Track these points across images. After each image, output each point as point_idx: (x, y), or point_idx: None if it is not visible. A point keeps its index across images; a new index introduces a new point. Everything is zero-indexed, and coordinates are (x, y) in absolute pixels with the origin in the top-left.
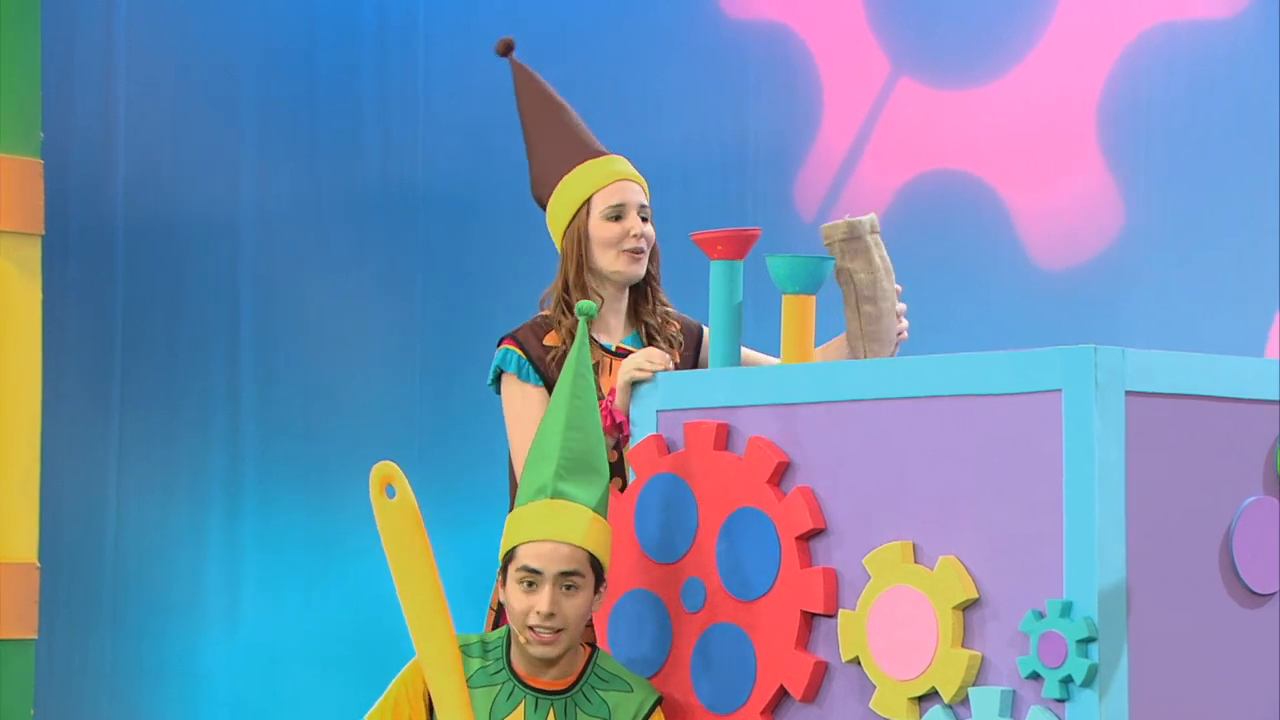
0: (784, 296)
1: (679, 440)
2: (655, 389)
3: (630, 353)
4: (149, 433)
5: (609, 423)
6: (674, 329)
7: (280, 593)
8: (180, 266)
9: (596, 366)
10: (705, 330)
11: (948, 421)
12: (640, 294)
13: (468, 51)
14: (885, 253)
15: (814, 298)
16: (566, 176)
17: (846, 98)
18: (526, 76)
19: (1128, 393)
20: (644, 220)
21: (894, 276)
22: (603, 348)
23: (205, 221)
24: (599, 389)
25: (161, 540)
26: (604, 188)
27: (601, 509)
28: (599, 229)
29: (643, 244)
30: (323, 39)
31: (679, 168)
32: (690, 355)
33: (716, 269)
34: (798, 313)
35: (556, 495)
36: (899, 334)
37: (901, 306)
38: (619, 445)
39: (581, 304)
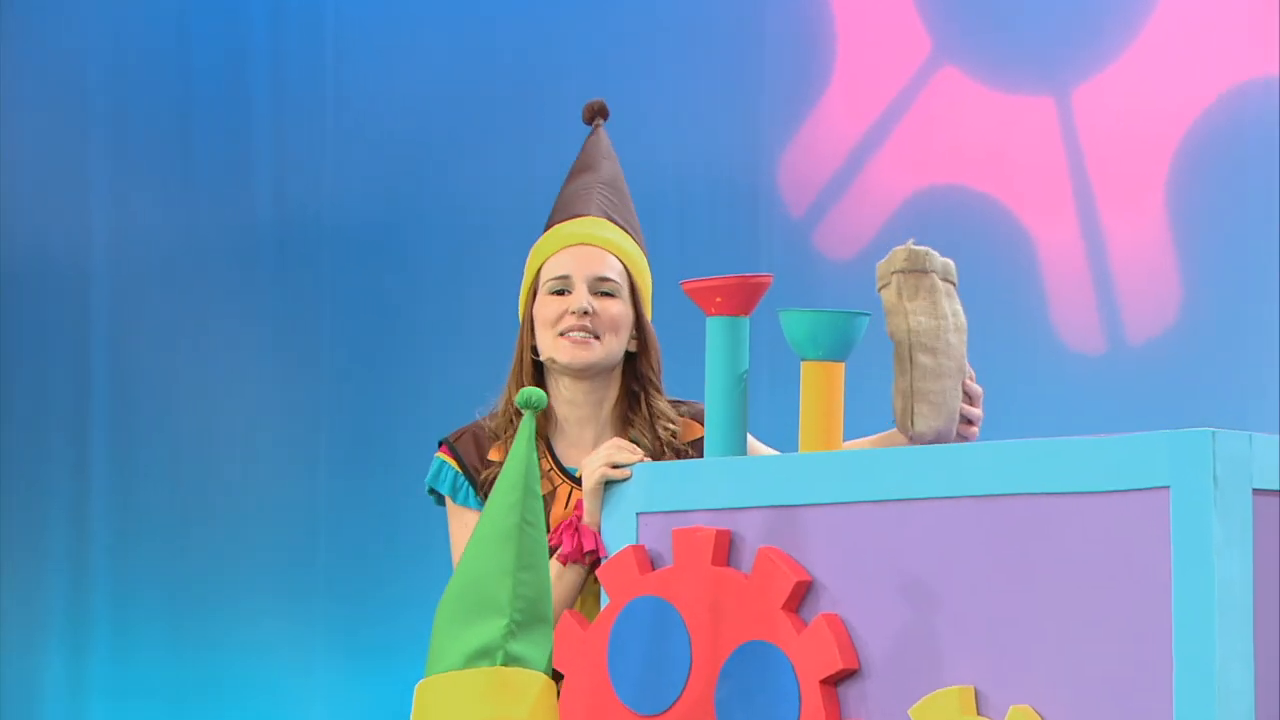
0: (803, 364)
1: (666, 553)
2: (634, 484)
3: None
4: None
5: (575, 549)
6: (677, 445)
7: None
8: (11, 324)
9: (548, 498)
10: None
11: (1018, 529)
12: (629, 399)
13: (393, 46)
14: (960, 308)
15: (842, 366)
16: (539, 240)
17: (869, 77)
18: (595, 142)
19: (1255, 490)
20: (607, 296)
21: (965, 338)
22: (562, 471)
23: (45, 265)
24: (547, 520)
25: None
26: (552, 255)
27: (549, 666)
28: (540, 307)
29: (588, 324)
30: (197, 30)
31: (670, 193)
32: None
33: (714, 328)
34: (821, 385)
35: (510, 661)
36: (969, 424)
37: (976, 389)
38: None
39: (524, 392)
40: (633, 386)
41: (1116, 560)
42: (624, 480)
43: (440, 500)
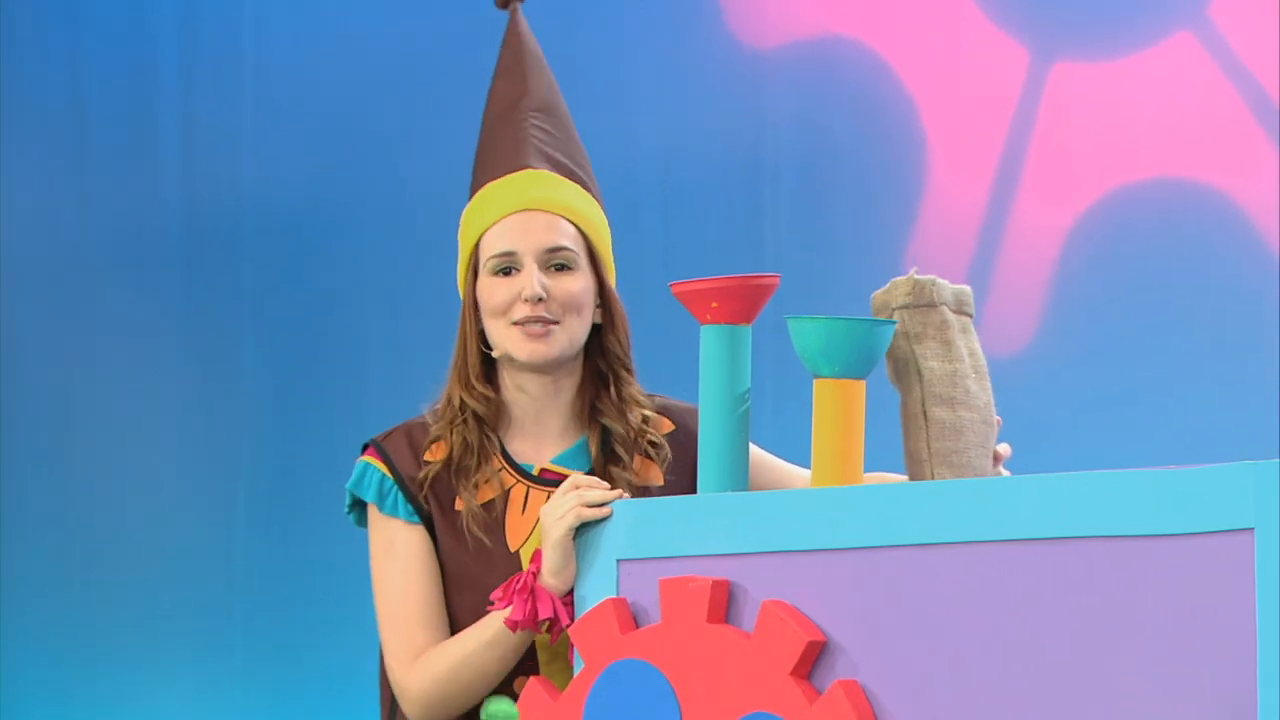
0: (816, 381)
1: (652, 608)
2: (615, 525)
3: (564, 479)
4: None
5: (528, 616)
6: (651, 434)
7: None
8: None
9: (498, 501)
10: None
11: (1070, 579)
12: (595, 382)
13: (324, 6)
14: (978, 345)
15: (863, 384)
16: (469, 202)
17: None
18: (514, 36)
19: None
20: (563, 269)
21: (989, 385)
22: (516, 469)
23: None
24: (501, 532)
25: None
26: (491, 226)
27: None
28: (484, 290)
29: (545, 311)
30: None
31: (653, 174)
32: (683, 474)
33: (710, 339)
34: (838, 407)
35: None
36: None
37: (1004, 448)
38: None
39: (490, 710)
40: (599, 366)
41: (1189, 616)
42: (602, 520)
43: (362, 519)
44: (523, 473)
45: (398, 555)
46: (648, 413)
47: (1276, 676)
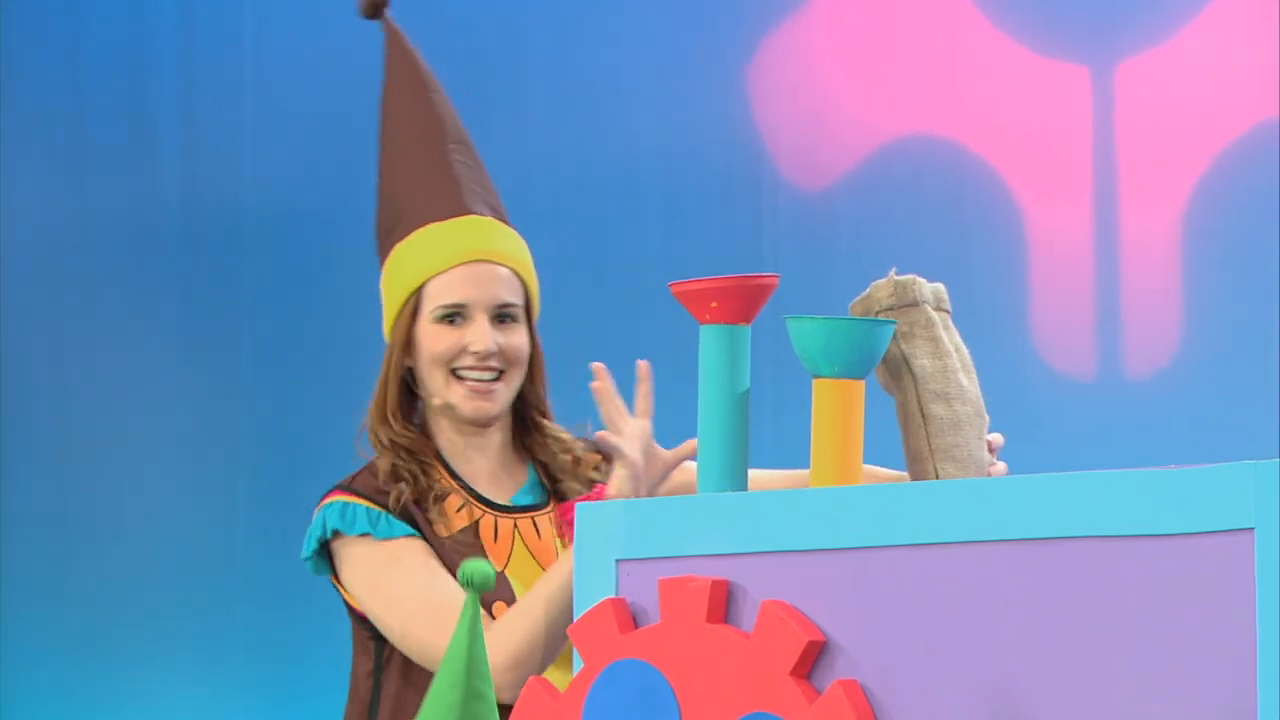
0: (815, 381)
1: (651, 608)
2: (614, 525)
3: (533, 511)
4: None
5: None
6: (593, 461)
7: None
8: None
9: (469, 530)
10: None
11: (1071, 579)
12: (520, 424)
13: (323, 8)
14: (960, 340)
15: (862, 384)
16: (406, 239)
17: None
18: (401, 52)
19: None
20: (508, 321)
21: (976, 377)
22: (483, 502)
23: None
24: (481, 554)
25: None
26: (441, 273)
27: None
28: (427, 336)
29: (493, 364)
30: None
31: (653, 173)
32: None
33: (709, 338)
34: (837, 406)
35: None
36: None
37: (996, 438)
38: None
39: (468, 568)
40: (518, 410)
41: (1189, 616)
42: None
43: (322, 566)
44: (488, 504)
45: (410, 557)
46: (578, 453)
47: (1277, 677)
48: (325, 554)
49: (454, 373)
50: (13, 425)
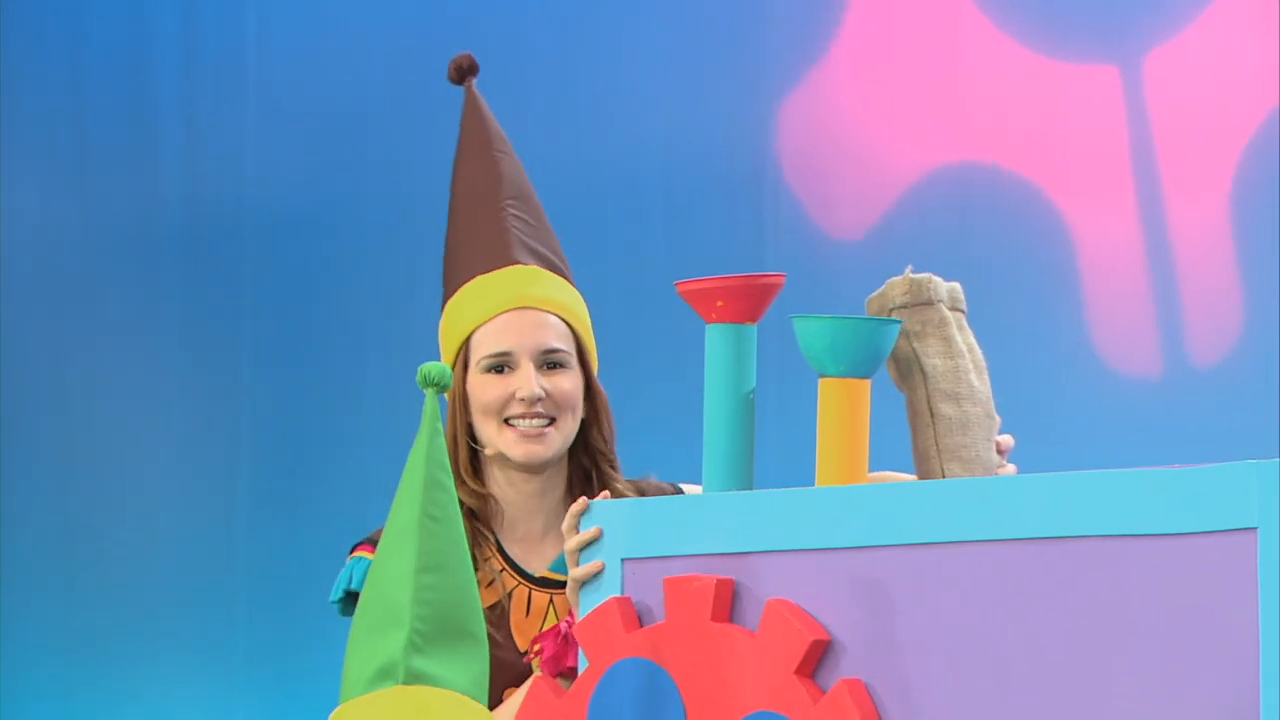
0: (821, 381)
1: (656, 607)
2: (619, 525)
3: (563, 583)
4: None
5: (552, 657)
6: None
7: None
8: None
9: (503, 603)
10: None
11: (1078, 577)
12: (579, 477)
13: (326, 7)
14: (974, 340)
15: (868, 384)
16: (456, 294)
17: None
18: (476, 116)
19: None
20: (557, 368)
21: (988, 379)
22: (519, 573)
23: None
24: (508, 632)
25: None
26: (485, 323)
27: (479, 692)
28: (476, 387)
29: (541, 409)
30: None
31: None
32: None
33: (715, 338)
34: (843, 406)
35: (412, 679)
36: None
37: (1007, 440)
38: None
39: (426, 368)
40: (583, 462)
41: (1191, 616)
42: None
43: (350, 608)
44: (524, 575)
45: None
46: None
47: (1278, 675)
48: (351, 601)
49: (506, 421)
50: (13, 425)
